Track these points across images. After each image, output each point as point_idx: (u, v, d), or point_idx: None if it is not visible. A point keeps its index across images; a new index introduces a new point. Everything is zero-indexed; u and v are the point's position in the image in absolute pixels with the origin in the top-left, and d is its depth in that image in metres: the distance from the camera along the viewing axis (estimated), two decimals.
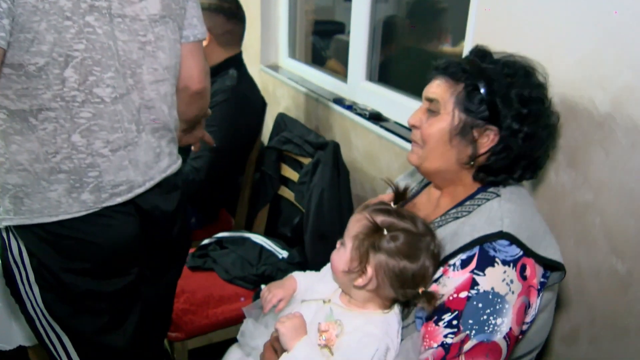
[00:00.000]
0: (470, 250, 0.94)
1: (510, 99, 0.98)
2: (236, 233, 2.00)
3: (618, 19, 1.02)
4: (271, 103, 2.77)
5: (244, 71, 2.07)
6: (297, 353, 0.92)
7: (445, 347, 0.91)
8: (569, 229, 1.17)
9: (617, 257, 1.08)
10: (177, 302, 1.67)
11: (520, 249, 0.94)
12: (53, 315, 1.10)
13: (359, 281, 0.97)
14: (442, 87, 1.03)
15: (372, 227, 0.96)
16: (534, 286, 0.96)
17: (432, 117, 1.04)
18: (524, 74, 1.01)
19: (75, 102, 0.98)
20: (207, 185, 2.02)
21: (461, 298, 0.92)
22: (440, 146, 1.03)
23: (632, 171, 1.03)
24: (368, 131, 1.94)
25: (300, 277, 1.17)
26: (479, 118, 1.00)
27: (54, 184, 1.00)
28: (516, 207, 0.99)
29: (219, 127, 1.94)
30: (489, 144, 1.01)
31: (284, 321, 0.95)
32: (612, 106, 1.05)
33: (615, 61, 1.03)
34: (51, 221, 1.02)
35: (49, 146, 0.98)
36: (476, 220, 0.98)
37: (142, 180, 1.11)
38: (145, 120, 1.10)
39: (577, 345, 1.19)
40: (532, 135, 0.99)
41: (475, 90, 1.00)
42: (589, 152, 1.11)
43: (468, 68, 1.02)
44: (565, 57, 1.13)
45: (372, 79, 2.15)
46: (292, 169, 2.02)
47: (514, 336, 0.93)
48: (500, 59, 1.04)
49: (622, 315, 1.08)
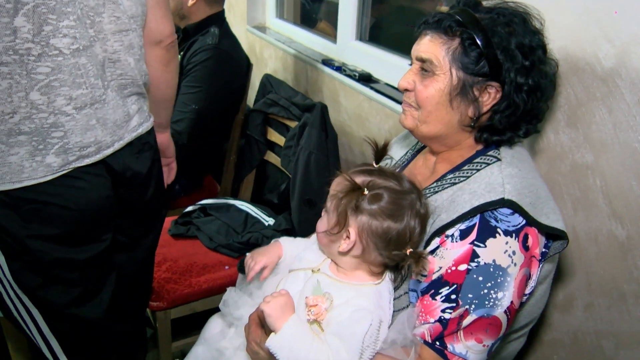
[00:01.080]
0: (470, 220, 0.88)
1: (511, 51, 0.91)
2: (221, 200, 1.93)
3: None
4: (258, 65, 2.67)
5: (226, 29, 1.97)
6: (286, 333, 0.86)
7: (442, 322, 0.86)
8: (567, 191, 1.12)
9: (617, 221, 1.03)
10: (158, 271, 1.61)
11: (523, 217, 0.88)
12: (21, 286, 1.03)
13: (342, 246, 0.91)
14: (434, 43, 0.94)
15: (350, 186, 0.90)
16: (535, 257, 0.91)
17: (426, 78, 0.96)
18: (521, 21, 0.93)
19: (30, 55, 0.88)
20: (190, 150, 1.94)
21: (460, 271, 0.86)
22: (441, 109, 0.96)
23: (636, 129, 0.97)
24: (357, 93, 1.86)
25: (286, 242, 1.11)
26: (478, 75, 0.92)
27: (14, 147, 0.92)
28: (518, 172, 0.93)
29: (201, 87, 1.86)
30: (492, 101, 0.94)
31: (268, 301, 0.88)
32: (617, 60, 0.98)
33: (623, 10, 0.96)
34: (14, 188, 0.94)
35: (5, 106, 0.89)
36: (475, 187, 0.91)
37: (110, 141, 1.03)
38: (111, 75, 1.02)
39: (571, 312, 1.15)
40: (536, 87, 0.93)
41: (472, 45, 0.92)
42: (590, 109, 1.04)
43: (462, 20, 0.93)
44: (568, 6, 1.05)
45: (363, 39, 2.06)
46: (279, 133, 1.95)
47: (514, 310, 0.89)
48: (494, 7, 0.96)
49: (619, 281, 1.04)
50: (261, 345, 0.91)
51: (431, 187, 1.00)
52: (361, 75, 1.86)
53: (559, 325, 1.19)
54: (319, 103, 1.71)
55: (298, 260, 1.04)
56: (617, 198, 1.02)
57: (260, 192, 2.09)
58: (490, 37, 0.91)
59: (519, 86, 0.92)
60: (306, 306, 0.92)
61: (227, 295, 1.09)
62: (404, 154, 1.19)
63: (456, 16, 0.94)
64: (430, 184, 1.00)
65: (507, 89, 0.92)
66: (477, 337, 0.86)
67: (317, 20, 2.71)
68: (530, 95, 0.93)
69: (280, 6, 2.71)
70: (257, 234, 1.74)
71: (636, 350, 1.03)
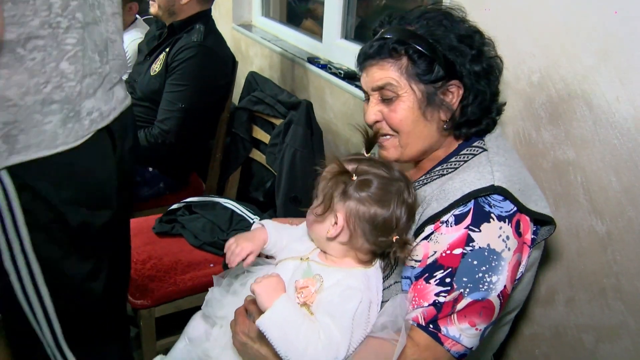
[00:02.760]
0: (465, 206, 0.89)
1: (456, 46, 0.94)
2: (206, 198, 1.92)
3: None
4: (244, 63, 2.66)
5: (212, 26, 1.96)
6: (277, 309, 0.85)
7: (437, 305, 0.87)
8: (549, 187, 1.13)
9: (597, 216, 1.04)
10: (143, 269, 1.60)
11: (514, 204, 0.90)
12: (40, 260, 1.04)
13: (331, 231, 0.92)
14: (384, 69, 0.96)
15: (339, 170, 0.90)
16: (527, 242, 0.93)
17: (391, 103, 0.97)
18: (448, 16, 0.98)
19: (60, 28, 0.94)
20: (177, 148, 1.93)
21: (455, 255, 0.87)
22: (418, 125, 0.97)
23: (615, 125, 0.98)
24: (343, 91, 1.87)
25: (270, 227, 1.07)
26: (437, 80, 0.95)
27: (48, 116, 0.96)
28: (505, 160, 0.95)
29: (187, 85, 1.85)
30: (457, 98, 0.97)
31: (260, 280, 0.88)
32: (597, 57, 1.00)
33: (603, 9, 0.97)
34: (50, 154, 0.98)
35: (40, 76, 0.94)
36: (465, 175, 0.93)
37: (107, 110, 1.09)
38: (112, 55, 1.08)
39: (553, 306, 1.17)
40: (490, 69, 0.97)
41: (420, 56, 0.94)
42: (571, 106, 1.06)
43: (400, 37, 0.95)
44: (549, 6, 1.07)
45: (348, 37, 2.06)
46: (264, 131, 1.94)
47: (507, 294, 0.90)
48: (419, 15, 0.98)
49: (599, 275, 1.06)
50: (250, 335, 0.91)
51: (420, 179, 1.01)
52: (346, 73, 1.87)
53: (541, 319, 1.20)
54: (304, 101, 1.72)
55: (287, 250, 1.03)
56: (597, 194, 1.04)
57: (246, 189, 2.09)
58: (433, 42, 0.94)
59: (477, 74, 0.95)
60: (296, 289, 0.92)
61: (209, 295, 1.08)
62: None
63: (393, 37, 0.96)
64: (419, 178, 1.02)
65: (468, 82, 0.95)
66: (471, 320, 0.87)
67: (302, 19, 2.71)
68: (489, 78, 0.97)
69: (266, 4, 2.71)
70: (243, 231, 1.73)
71: (615, 343, 1.05)
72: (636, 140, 0.95)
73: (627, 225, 0.99)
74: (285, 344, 0.84)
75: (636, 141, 0.95)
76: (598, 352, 1.08)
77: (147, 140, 1.89)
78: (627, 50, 0.95)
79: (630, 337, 1.02)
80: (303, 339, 0.84)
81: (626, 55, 0.95)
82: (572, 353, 1.14)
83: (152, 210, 2.03)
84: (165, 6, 1.91)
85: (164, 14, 1.94)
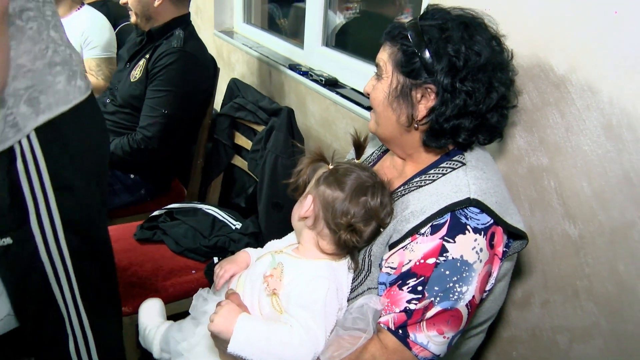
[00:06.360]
0: (441, 218, 0.91)
1: (442, 53, 0.93)
2: (188, 204, 1.92)
3: None
4: (225, 69, 2.67)
5: (191, 31, 1.96)
6: (238, 334, 0.87)
7: (407, 312, 0.89)
8: (524, 192, 1.16)
9: (570, 220, 1.08)
10: (124, 276, 1.59)
11: (490, 216, 0.92)
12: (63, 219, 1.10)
13: (301, 210, 0.99)
14: (385, 51, 1.01)
15: (317, 157, 1.00)
16: (498, 255, 0.95)
17: (378, 82, 1.03)
18: (460, 26, 0.95)
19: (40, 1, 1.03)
20: (160, 154, 1.93)
21: (429, 264, 0.90)
22: (387, 110, 1.01)
23: (585, 133, 1.02)
24: (324, 97, 1.89)
25: (252, 251, 1.14)
26: (413, 75, 0.97)
27: (56, 77, 1.06)
28: (482, 174, 0.97)
29: (169, 90, 1.85)
30: (430, 104, 0.96)
31: (212, 319, 0.90)
32: (569, 67, 1.03)
33: (574, 22, 1.01)
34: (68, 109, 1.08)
35: (40, 43, 1.03)
36: (442, 189, 0.95)
37: None
38: None
39: (529, 309, 1.20)
40: (471, 91, 0.93)
41: (409, 48, 0.96)
42: (545, 114, 1.09)
43: (405, 28, 0.98)
44: (525, 17, 1.10)
45: (329, 45, 2.09)
46: (246, 137, 1.95)
47: (475, 304, 0.92)
48: (445, 13, 0.98)
49: (573, 278, 1.09)
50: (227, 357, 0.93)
51: (398, 190, 1.03)
52: (327, 80, 1.89)
53: (518, 322, 1.23)
54: (286, 107, 1.73)
55: (266, 249, 1.10)
56: (570, 199, 1.07)
57: (228, 195, 2.09)
58: (425, 40, 0.94)
59: (448, 86, 0.93)
60: (264, 281, 0.96)
61: (195, 298, 1.10)
62: (371, 153, 1.23)
63: (402, 25, 0.99)
64: (398, 187, 1.04)
65: (439, 89, 0.94)
66: (439, 328, 0.89)
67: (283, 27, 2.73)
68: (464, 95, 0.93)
69: (247, 11, 2.72)
70: (225, 237, 1.74)
71: (588, 343, 1.08)
72: (605, 147, 0.99)
73: (598, 229, 1.02)
74: (263, 355, 0.87)
75: (605, 148, 0.99)
76: (572, 353, 1.11)
77: (129, 146, 1.88)
78: (597, 60, 0.98)
79: (602, 336, 1.05)
80: (277, 344, 0.87)
81: (596, 66, 0.99)
82: (547, 354, 1.17)
83: (133, 217, 2.02)
84: (141, 12, 1.91)
85: (141, 21, 1.94)
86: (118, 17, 2.93)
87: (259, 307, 0.96)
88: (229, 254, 1.68)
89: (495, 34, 0.99)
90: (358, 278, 0.99)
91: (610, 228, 1.00)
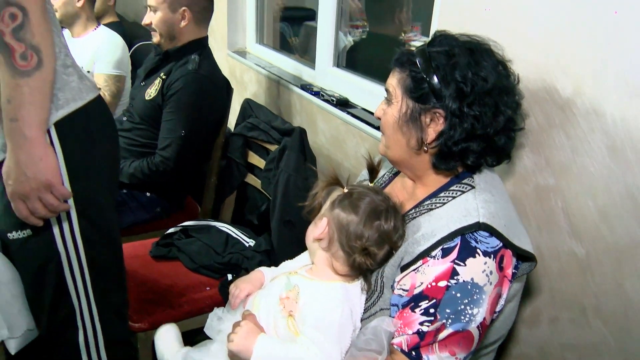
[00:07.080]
0: (452, 241, 0.93)
1: (447, 79, 0.96)
2: (202, 221, 1.96)
3: (581, 4, 1.02)
4: (238, 89, 2.73)
5: (207, 54, 2.02)
6: (258, 352, 0.92)
7: (420, 334, 0.91)
8: (531, 212, 1.19)
9: (576, 239, 1.10)
10: (140, 292, 1.63)
11: (500, 240, 0.94)
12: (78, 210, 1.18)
13: (315, 232, 1.01)
14: (394, 77, 1.04)
15: (333, 181, 1.04)
16: (507, 277, 0.97)
17: (388, 107, 1.05)
18: (467, 53, 0.98)
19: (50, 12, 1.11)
20: (176, 174, 1.98)
21: (440, 287, 0.92)
22: (395, 133, 1.04)
23: (590, 154, 1.05)
24: (335, 117, 1.93)
25: (267, 270, 1.17)
26: (422, 100, 0.99)
27: (70, 76, 1.16)
28: (491, 197, 0.99)
29: (184, 113, 1.90)
30: (439, 127, 0.99)
31: (232, 339, 0.95)
32: (574, 91, 1.06)
33: (578, 47, 1.04)
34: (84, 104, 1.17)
35: (59, 45, 1.12)
36: (452, 212, 0.97)
37: None
38: None
39: (538, 326, 1.21)
40: (479, 115, 0.96)
41: (418, 74, 0.99)
42: (551, 135, 1.12)
43: (413, 55, 1.01)
44: (530, 42, 1.14)
45: (340, 65, 2.13)
46: (259, 156, 1.99)
47: (485, 325, 0.94)
48: (453, 39, 1.02)
49: (580, 296, 1.11)
50: None
51: (410, 212, 1.05)
52: (338, 100, 1.93)
53: (527, 339, 1.25)
54: (298, 127, 1.77)
55: (281, 269, 1.12)
56: (576, 218, 1.09)
57: (241, 213, 2.13)
58: (433, 67, 0.97)
59: (456, 111, 0.96)
60: (280, 303, 0.99)
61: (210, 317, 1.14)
62: (382, 175, 1.25)
63: (410, 52, 1.03)
64: (409, 210, 1.06)
65: (447, 114, 0.97)
66: (451, 349, 0.91)
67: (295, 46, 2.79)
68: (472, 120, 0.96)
69: (260, 31, 2.78)
70: (238, 254, 1.77)
71: None
72: (610, 167, 1.01)
73: (604, 247, 1.04)
74: None
75: (610, 168, 1.01)
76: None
77: (148, 169, 1.95)
78: (601, 84, 1.01)
79: (610, 355, 1.06)
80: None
81: (600, 89, 1.02)
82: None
83: (148, 234, 2.07)
84: (166, 32, 1.97)
85: (165, 41, 1.99)
86: (133, 37, 3.00)
87: (275, 328, 0.99)
88: (242, 270, 1.71)
89: (502, 59, 1.02)
90: (371, 299, 1.01)
91: (616, 246, 1.02)
